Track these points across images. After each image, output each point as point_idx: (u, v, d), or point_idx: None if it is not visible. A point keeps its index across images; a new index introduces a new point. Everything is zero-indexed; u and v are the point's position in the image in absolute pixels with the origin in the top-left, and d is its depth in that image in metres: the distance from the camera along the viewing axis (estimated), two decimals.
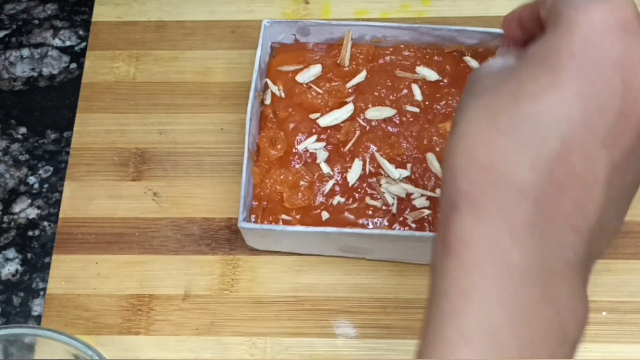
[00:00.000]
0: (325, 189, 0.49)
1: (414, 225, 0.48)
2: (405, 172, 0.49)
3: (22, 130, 0.56)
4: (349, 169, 0.50)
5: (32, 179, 0.54)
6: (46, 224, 0.53)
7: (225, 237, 0.51)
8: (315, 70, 0.52)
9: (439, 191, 0.49)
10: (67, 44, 0.59)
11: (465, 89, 0.33)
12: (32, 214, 0.53)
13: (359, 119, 0.51)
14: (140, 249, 0.51)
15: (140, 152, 0.54)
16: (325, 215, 0.49)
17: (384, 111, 0.51)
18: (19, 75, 0.58)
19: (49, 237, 0.52)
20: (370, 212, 0.49)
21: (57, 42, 0.59)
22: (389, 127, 0.51)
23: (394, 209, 0.49)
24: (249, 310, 0.49)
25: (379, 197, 0.49)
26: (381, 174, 0.49)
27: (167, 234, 0.52)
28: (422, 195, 0.49)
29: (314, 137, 0.51)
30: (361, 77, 0.52)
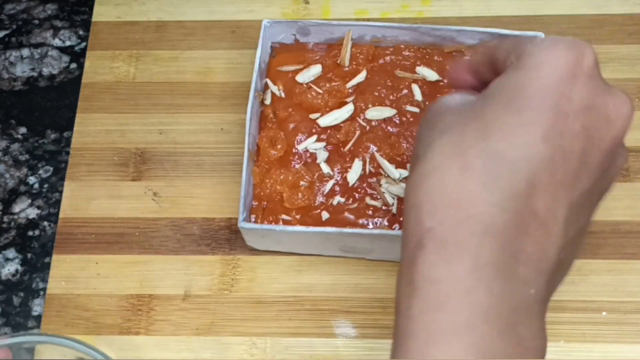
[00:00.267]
0: (325, 189, 0.49)
1: None
2: (405, 172, 0.49)
3: (22, 130, 0.56)
4: (349, 169, 0.50)
5: (32, 179, 0.54)
6: (46, 224, 0.53)
7: (225, 237, 0.51)
8: (315, 70, 0.52)
9: None
10: (67, 44, 0.59)
11: (424, 122, 0.32)
12: (32, 214, 0.53)
13: (359, 119, 0.51)
14: (140, 249, 0.51)
15: (140, 152, 0.54)
16: (325, 215, 0.49)
17: (384, 111, 0.51)
18: (19, 75, 0.58)
19: (49, 237, 0.52)
20: (370, 212, 0.49)
21: (57, 42, 0.59)
22: (389, 127, 0.51)
23: (394, 209, 0.49)
24: (249, 310, 0.49)
25: (379, 197, 0.49)
26: (381, 174, 0.49)
27: (167, 234, 0.52)
28: None
29: (314, 137, 0.51)
30: (361, 77, 0.52)
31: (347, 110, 0.51)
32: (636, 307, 0.48)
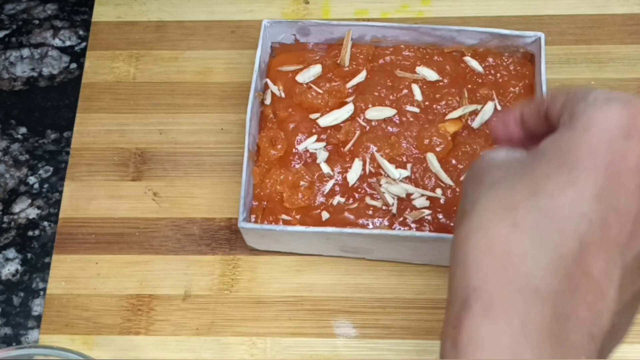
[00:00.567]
0: (325, 189, 0.49)
1: (414, 225, 0.48)
2: (405, 172, 0.49)
3: (22, 130, 0.56)
4: (349, 169, 0.50)
5: (32, 179, 0.54)
6: (46, 224, 0.53)
7: (225, 237, 0.51)
8: (315, 70, 0.52)
9: (439, 191, 0.49)
10: (67, 44, 0.59)
11: (469, 177, 0.32)
12: (32, 214, 0.53)
13: (359, 119, 0.51)
14: (140, 249, 0.51)
15: (140, 152, 0.54)
16: (325, 215, 0.49)
17: (384, 111, 0.51)
18: (19, 75, 0.58)
19: (49, 237, 0.52)
20: (370, 212, 0.49)
21: (57, 42, 0.59)
22: (389, 127, 0.51)
23: (394, 209, 0.49)
24: (249, 310, 0.49)
25: (379, 197, 0.49)
26: (381, 174, 0.49)
27: (167, 234, 0.52)
28: (422, 195, 0.49)
29: (314, 137, 0.51)
30: (361, 77, 0.52)
31: (347, 110, 0.51)
32: None
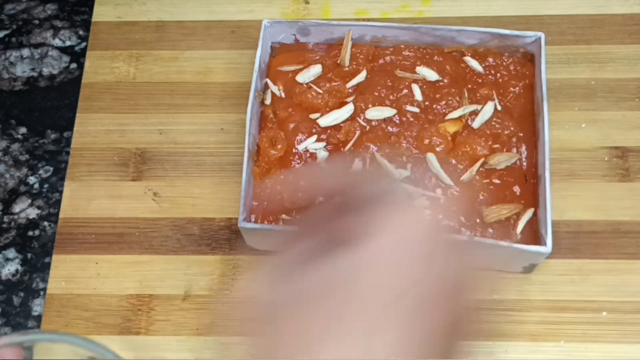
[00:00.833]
0: None
1: None
2: (405, 172, 0.49)
3: (22, 130, 0.56)
4: None
5: (32, 179, 0.54)
6: (46, 224, 0.53)
7: (225, 237, 0.51)
8: (315, 70, 0.52)
9: (439, 191, 0.49)
10: (67, 44, 0.59)
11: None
12: (32, 214, 0.53)
13: (359, 119, 0.51)
14: (140, 249, 0.51)
15: (140, 152, 0.54)
16: None
17: (384, 111, 0.51)
18: (19, 75, 0.58)
19: (49, 237, 0.52)
20: None
21: (57, 42, 0.59)
22: (389, 127, 0.51)
23: None
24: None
25: None
26: None
27: (167, 234, 0.52)
28: (422, 195, 0.49)
29: (314, 137, 0.51)
30: (361, 77, 0.52)
31: (347, 110, 0.51)
32: (636, 307, 0.48)
